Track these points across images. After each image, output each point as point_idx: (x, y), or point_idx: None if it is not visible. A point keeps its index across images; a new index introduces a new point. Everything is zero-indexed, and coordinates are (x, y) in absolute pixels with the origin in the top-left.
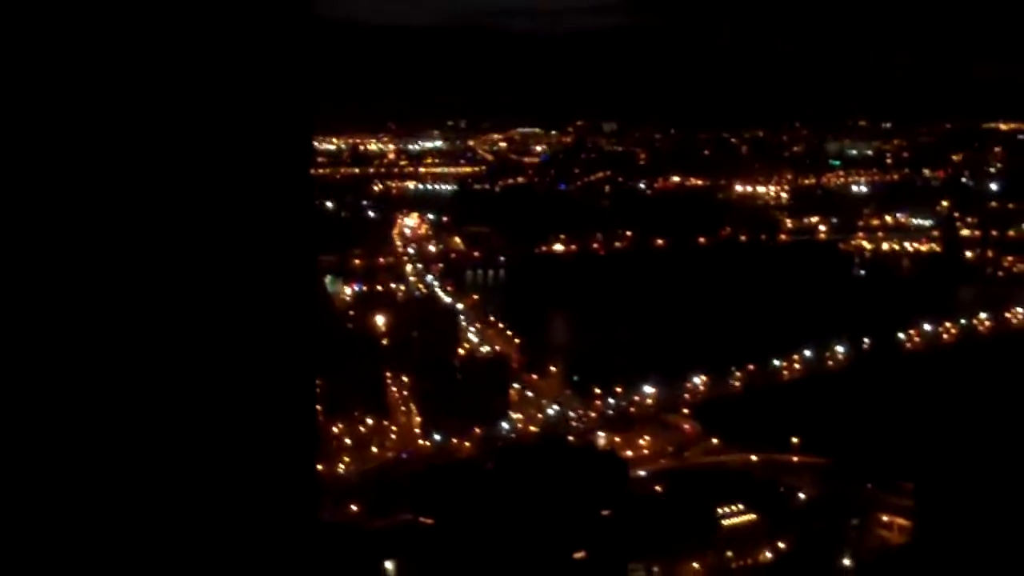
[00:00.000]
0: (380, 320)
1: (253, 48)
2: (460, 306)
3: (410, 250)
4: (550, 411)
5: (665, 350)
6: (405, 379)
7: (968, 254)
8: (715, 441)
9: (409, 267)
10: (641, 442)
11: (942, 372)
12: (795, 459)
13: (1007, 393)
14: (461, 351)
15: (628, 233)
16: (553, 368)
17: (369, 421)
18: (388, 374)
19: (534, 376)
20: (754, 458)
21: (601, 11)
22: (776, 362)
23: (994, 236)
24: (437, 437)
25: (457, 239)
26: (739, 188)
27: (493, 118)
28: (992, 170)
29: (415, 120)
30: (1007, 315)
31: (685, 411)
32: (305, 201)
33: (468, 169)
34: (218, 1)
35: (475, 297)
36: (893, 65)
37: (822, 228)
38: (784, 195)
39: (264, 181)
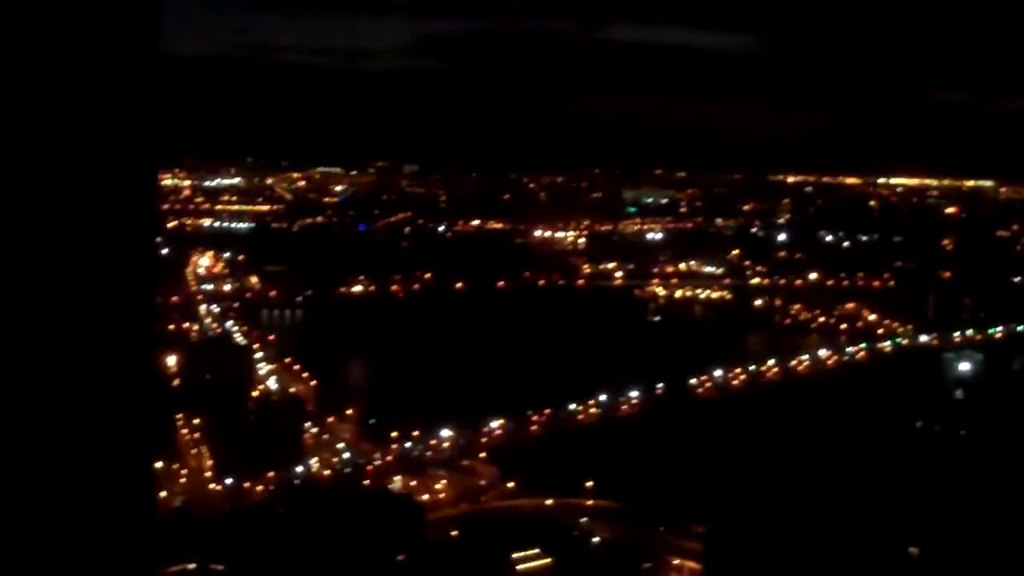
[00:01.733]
0: (171, 360)
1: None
2: (255, 347)
3: (204, 289)
4: (345, 454)
5: (462, 394)
6: (197, 421)
7: (758, 302)
8: (511, 485)
9: (203, 306)
10: (437, 486)
11: (732, 417)
12: (589, 503)
13: (793, 437)
14: (255, 392)
15: (427, 275)
16: (350, 411)
17: (158, 464)
18: (179, 416)
19: (330, 418)
20: (549, 502)
21: (404, 54)
22: (572, 406)
23: (782, 285)
24: (229, 480)
25: (253, 278)
26: (538, 233)
27: (292, 156)
28: (780, 221)
29: (212, 156)
30: (793, 362)
31: (482, 455)
32: (148, 235)
33: (266, 207)
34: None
35: (271, 338)
36: (688, 116)
37: (618, 274)
38: (582, 241)
39: (108, 215)
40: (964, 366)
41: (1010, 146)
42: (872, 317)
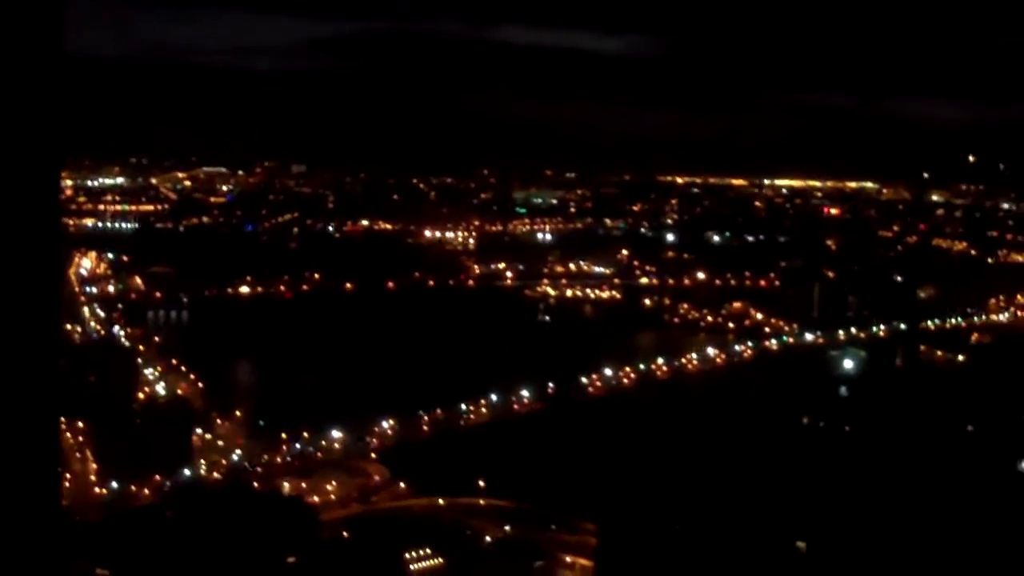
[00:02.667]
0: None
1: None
2: (140, 349)
3: (88, 290)
4: (234, 456)
5: (353, 394)
6: (81, 424)
7: (646, 302)
8: (402, 486)
9: (86, 308)
10: (328, 487)
11: (622, 415)
12: (481, 502)
13: (682, 435)
14: (141, 395)
15: (316, 276)
16: (238, 412)
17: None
18: (62, 419)
19: (218, 421)
20: (441, 502)
21: (292, 53)
22: (463, 406)
23: (670, 284)
24: (115, 485)
25: (138, 279)
26: (428, 233)
27: (177, 156)
28: (669, 221)
29: (95, 155)
30: (683, 360)
31: (373, 456)
32: (51, 234)
33: (150, 208)
34: None
35: (156, 339)
36: (577, 117)
37: (508, 274)
38: (472, 241)
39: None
40: (848, 363)
41: (891, 148)
42: (759, 316)
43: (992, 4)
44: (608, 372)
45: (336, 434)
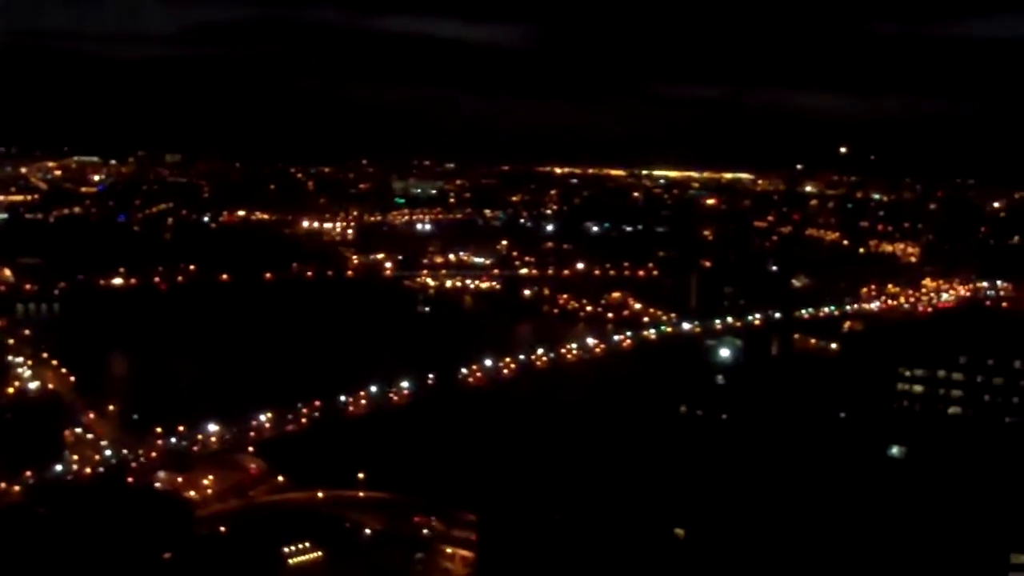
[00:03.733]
0: None
1: None
2: (9, 341)
3: None
4: (108, 452)
5: (229, 387)
6: None
7: (526, 292)
8: (281, 479)
9: None
10: (205, 482)
11: (502, 405)
12: (361, 495)
13: (562, 424)
14: (10, 389)
15: (191, 267)
16: (111, 407)
17: None
18: None
19: (91, 415)
20: (320, 495)
21: (169, 41)
22: (342, 398)
23: (550, 275)
24: None
25: (7, 271)
26: (306, 224)
27: (47, 145)
28: (548, 211)
29: None
30: (562, 350)
31: (250, 449)
32: None
33: (19, 198)
34: None
35: (26, 332)
36: (458, 107)
37: (388, 265)
38: (351, 232)
39: None
40: (725, 352)
41: (766, 139)
42: (637, 306)
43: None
44: (488, 362)
45: (213, 428)
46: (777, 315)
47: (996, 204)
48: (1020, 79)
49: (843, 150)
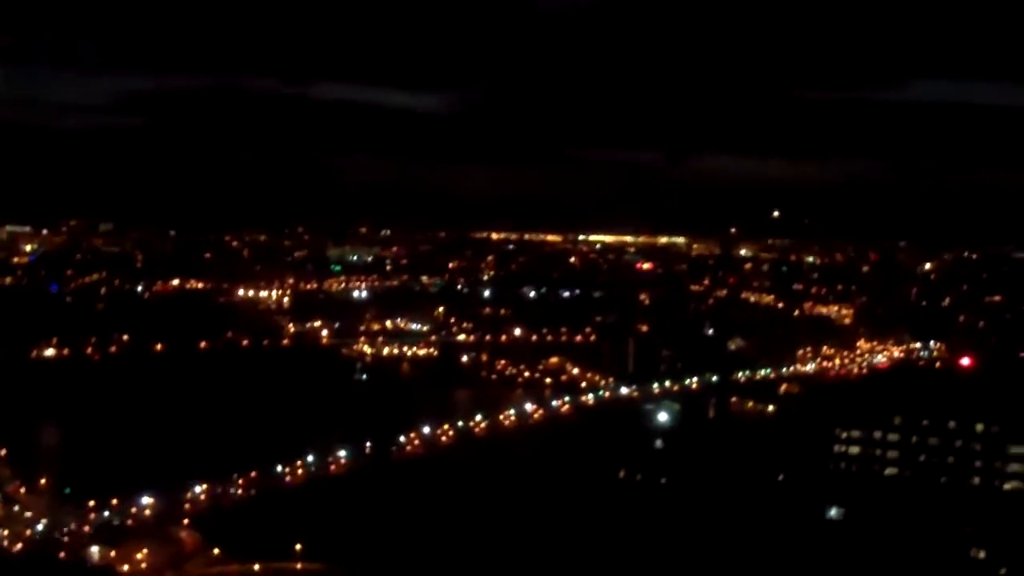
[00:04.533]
0: None
1: None
2: None
3: None
4: (39, 526)
5: (164, 459)
6: None
7: (464, 358)
8: (216, 551)
9: None
10: (138, 556)
11: (440, 474)
12: (298, 566)
13: (500, 492)
14: None
15: (125, 337)
16: (43, 480)
17: None
18: None
19: (21, 489)
20: (257, 567)
21: (101, 110)
22: (278, 468)
23: (487, 340)
24: None
25: None
26: (241, 292)
27: None
28: (484, 277)
29: None
30: (500, 416)
31: (185, 522)
32: None
33: None
34: None
35: None
36: (393, 174)
37: (324, 332)
38: (286, 299)
39: None
40: (663, 416)
41: (699, 204)
42: (575, 371)
43: (797, 63)
44: (426, 430)
45: (146, 500)
46: (714, 378)
47: (927, 266)
48: (949, 142)
49: (776, 214)
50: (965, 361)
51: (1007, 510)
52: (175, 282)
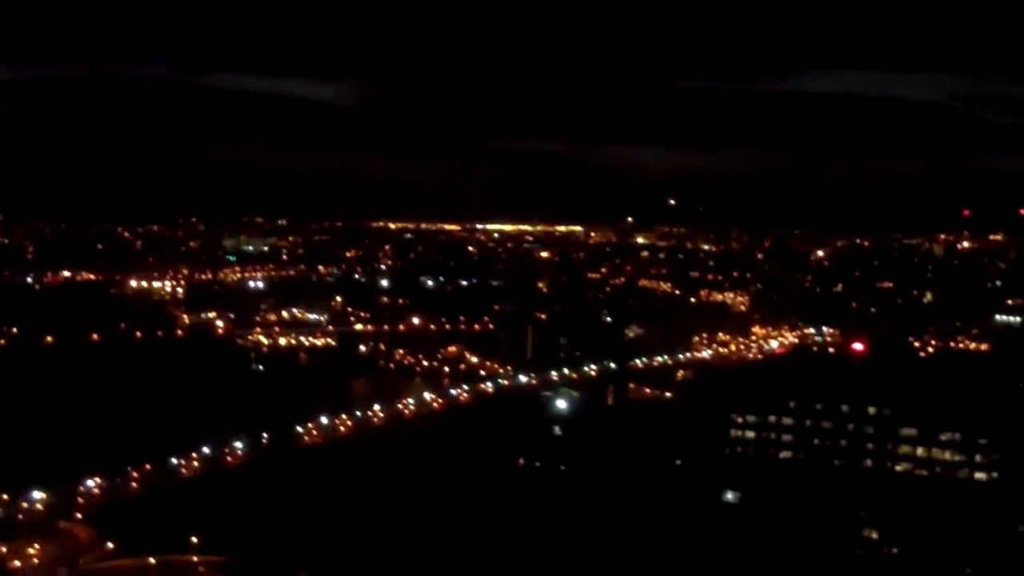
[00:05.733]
0: None
1: None
2: None
3: None
4: None
5: (56, 453)
6: None
7: (362, 348)
8: (111, 546)
9: None
10: (31, 551)
11: (339, 464)
12: (195, 559)
13: (401, 481)
14: None
15: (14, 330)
16: None
17: None
18: None
19: None
20: (152, 561)
21: None
22: (174, 461)
23: (385, 330)
24: None
25: None
26: (134, 283)
27: None
28: (382, 267)
29: None
30: (399, 406)
31: (78, 516)
32: None
33: None
34: None
35: None
36: (291, 163)
37: (219, 323)
38: (180, 290)
39: None
40: (561, 404)
41: (596, 193)
42: (474, 359)
43: (687, 55)
44: (324, 420)
45: (39, 495)
46: (612, 365)
47: (820, 253)
48: (839, 131)
49: (672, 202)
50: (857, 346)
51: (898, 491)
52: (66, 274)
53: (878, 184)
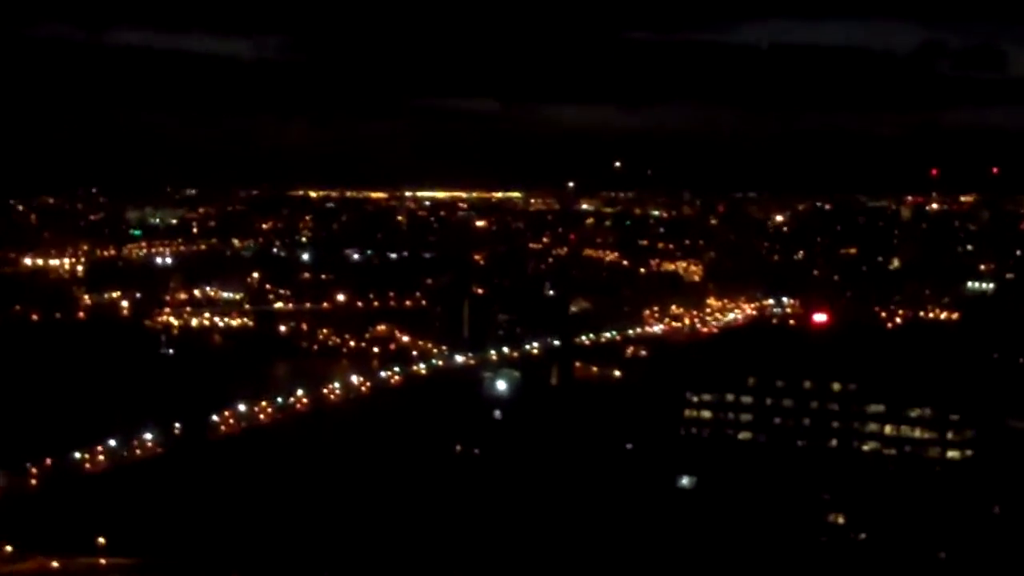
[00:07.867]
0: None
1: None
2: None
3: None
4: None
5: None
6: None
7: (282, 328)
8: (8, 548)
9: None
10: None
11: (259, 454)
12: (102, 561)
13: (327, 473)
14: None
15: None
16: None
17: None
18: None
19: None
20: (55, 564)
21: None
22: (76, 455)
23: (307, 308)
24: None
25: None
26: (29, 262)
27: None
28: (303, 239)
29: None
30: (324, 390)
31: None
32: None
33: None
34: None
35: None
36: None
37: (124, 304)
38: (80, 268)
39: None
40: (502, 385)
41: (536, 156)
42: (405, 339)
43: (632, 6)
44: (242, 408)
45: None
46: (556, 342)
47: (779, 218)
48: (798, 87)
49: (617, 165)
50: (820, 317)
51: (866, 473)
52: None
53: (840, 142)
